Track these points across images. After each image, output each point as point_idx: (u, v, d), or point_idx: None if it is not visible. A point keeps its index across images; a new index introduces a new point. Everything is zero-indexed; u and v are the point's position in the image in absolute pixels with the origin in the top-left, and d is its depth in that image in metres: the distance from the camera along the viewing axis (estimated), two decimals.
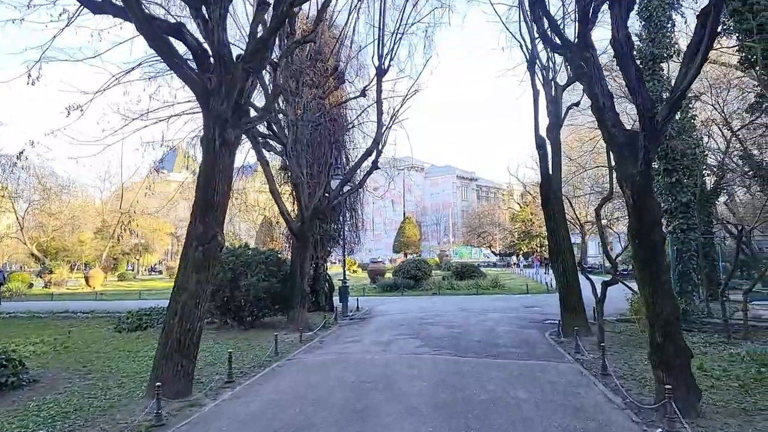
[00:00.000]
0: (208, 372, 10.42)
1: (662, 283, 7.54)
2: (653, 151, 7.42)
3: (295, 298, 15.72)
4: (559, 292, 14.91)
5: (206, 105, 8.56)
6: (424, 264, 32.98)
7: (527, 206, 69.22)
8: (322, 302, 21.55)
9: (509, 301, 23.84)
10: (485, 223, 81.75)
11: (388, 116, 18.00)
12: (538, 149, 15.45)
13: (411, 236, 73.96)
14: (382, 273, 36.70)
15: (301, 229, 15.73)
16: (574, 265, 15.03)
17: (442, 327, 15.62)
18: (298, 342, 13.81)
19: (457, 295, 27.90)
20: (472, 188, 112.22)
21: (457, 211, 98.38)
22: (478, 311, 19.97)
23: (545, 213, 15.53)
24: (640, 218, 7.67)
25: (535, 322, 16.85)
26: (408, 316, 19.10)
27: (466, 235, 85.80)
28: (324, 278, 21.74)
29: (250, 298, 15.11)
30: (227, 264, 15.24)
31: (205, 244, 8.55)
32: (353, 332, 15.52)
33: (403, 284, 30.20)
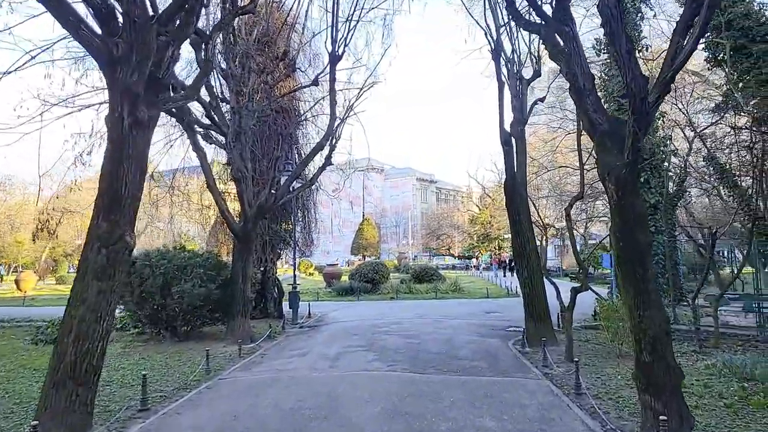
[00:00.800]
0: (121, 396, 8.84)
1: (649, 292, 6.48)
2: (642, 138, 6.36)
3: (236, 305, 14.18)
4: (523, 298, 13.90)
5: (112, 76, 7.03)
6: (381, 267, 31.74)
7: (486, 208, 69.03)
8: (271, 309, 20.03)
9: (469, 306, 22.84)
10: (444, 226, 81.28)
11: (344, 109, 16.72)
12: (503, 145, 14.43)
13: (370, 238, 72.75)
14: (339, 276, 35.27)
15: (243, 230, 14.21)
16: (540, 270, 14.06)
17: (398, 336, 14.37)
18: (236, 356, 12.30)
19: (416, 300, 26.77)
20: (431, 190, 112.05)
21: (417, 213, 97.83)
22: (437, 318, 18.85)
23: (509, 213, 14.51)
24: (625, 217, 6.60)
25: (497, 330, 15.82)
26: (363, 323, 17.79)
27: (425, 238, 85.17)
28: (273, 283, 20.22)
29: (184, 306, 13.49)
30: (158, 268, 13.58)
31: (110, 245, 7.01)
32: (301, 343, 14.09)
33: (359, 288, 28.88)
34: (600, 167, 6.93)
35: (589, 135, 7.10)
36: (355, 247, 73.82)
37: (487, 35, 14.38)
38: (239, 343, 12.68)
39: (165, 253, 14.05)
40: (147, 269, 13.60)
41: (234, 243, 14.55)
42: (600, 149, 6.89)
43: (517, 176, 14.50)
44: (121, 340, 14.79)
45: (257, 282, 19.46)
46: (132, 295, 13.90)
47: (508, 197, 14.54)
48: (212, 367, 10.85)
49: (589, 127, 6.97)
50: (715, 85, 20.43)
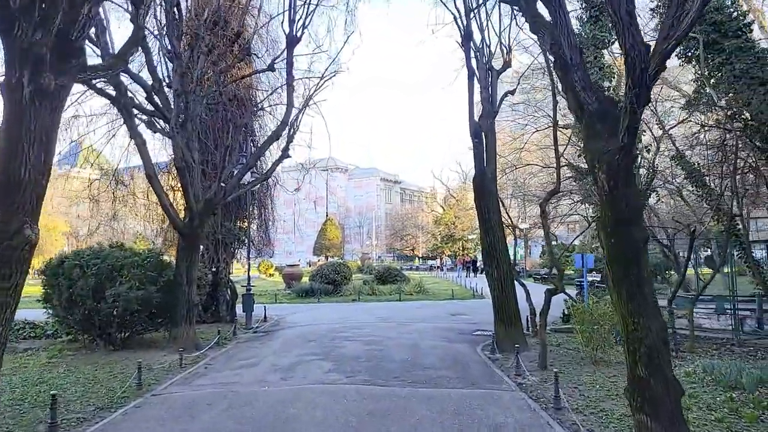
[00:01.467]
0: (31, 419, 7.50)
1: (645, 296, 5.62)
2: (640, 117, 5.50)
3: (179, 310, 12.86)
4: (493, 301, 13.04)
5: (9, 33, 5.73)
6: (344, 268, 30.60)
7: (451, 209, 68.71)
8: (223, 312, 18.67)
9: (434, 308, 21.96)
10: (409, 226, 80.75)
11: (304, 99, 15.56)
12: (473, 137, 13.57)
13: (333, 238, 71.48)
14: (299, 277, 33.95)
15: (188, 227, 12.91)
16: (511, 271, 13.25)
17: (359, 343, 13.30)
18: (176, 366, 11.01)
19: (379, 302, 25.75)
20: (396, 191, 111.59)
21: (381, 213, 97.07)
22: (401, 321, 17.86)
23: (479, 211, 13.65)
24: (618, 210, 5.72)
25: (464, 334, 14.95)
26: (322, 327, 16.66)
27: (389, 238, 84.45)
28: (225, 284, 18.85)
29: (119, 311, 12.09)
30: (90, 268, 12.14)
31: (6, 240, 5.71)
32: (252, 351, 12.88)
33: (320, 290, 27.67)
34: (588, 154, 6.05)
35: (576, 117, 6.22)
36: (318, 248, 72.39)
37: (456, 20, 13.51)
38: (181, 352, 11.38)
39: (98, 252, 12.61)
40: (77, 270, 12.15)
41: (178, 241, 13.22)
42: (589, 133, 6.00)
43: (487, 171, 13.66)
44: (49, 349, 13.24)
45: (208, 284, 18.09)
46: (60, 298, 12.43)
47: (477, 193, 13.68)
48: (146, 380, 9.56)
49: (576, 107, 6.08)
50: (685, 82, 20.17)
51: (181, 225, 12.81)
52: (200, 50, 13.80)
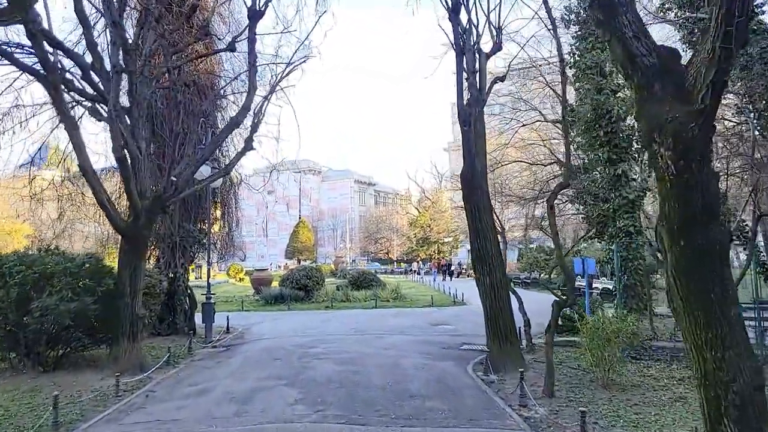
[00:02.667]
0: None
1: (731, 323, 4.05)
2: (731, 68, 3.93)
3: (120, 325, 10.92)
4: (485, 312, 11.43)
5: None
6: (315, 272, 28.72)
7: (426, 211, 67.38)
8: (180, 323, 16.69)
9: (414, 317, 20.28)
10: (383, 229, 79.18)
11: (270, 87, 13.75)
12: (462, 125, 11.97)
13: (305, 241, 69.42)
14: (269, 282, 31.93)
15: (132, 227, 10.97)
16: (505, 278, 11.67)
17: (332, 362, 11.52)
18: (112, 395, 9.12)
19: (354, 309, 23.97)
20: (370, 193, 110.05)
21: (355, 216, 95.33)
22: (378, 333, 16.14)
23: (468, 209, 12.04)
24: (690, 201, 4.16)
25: (450, 349, 13.33)
26: (290, 341, 14.83)
27: (363, 241, 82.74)
28: (183, 292, 16.86)
29: (47, 326, 10.10)
30: (12, 276, 10.12)
31: None
32: (206, 373, 10.99)
33: (290, 296, 25.77)
34: (644, 122, 4.45)
35: (625, 74, 4.61)
36: (290, 251, 70.16)
37: None
38: (118, 377, 9.46)
39: (23, 257, 10.58)
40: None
41: (120, 245, 11.27)
42: (643, 95, 4.42)
43: (477, 165, 12.07)
44: None
45: (163, 292, 16.08)
46: None
47: (466, 190, 12.07)
48: (68, 415, 7.69)
49: (625, 60, 4.49)
50: None
51: (122, 225, 10.87)
52: (149, 25, 11.91)
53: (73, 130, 9.79)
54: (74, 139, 9.85)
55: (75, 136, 9.82)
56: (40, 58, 9.39)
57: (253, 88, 11.84)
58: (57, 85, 9.57)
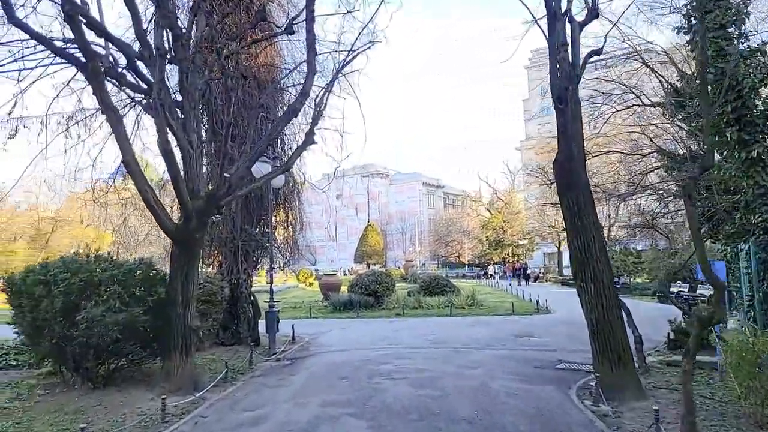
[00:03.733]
0: None
1: None
2: None
3: (171, 338, 9.85)
4: (590, 327, 9.45)
5: None
6: (385, 277, 27.27)
7: (499, 213, 64.62)
8: (244, 333, 15.69)
9: (495, 327, 18.34)
10: (453, 232, 76.90)
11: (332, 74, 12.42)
12: (557, 102, 10.05)
13: (374, 245, 68.45)
14: (337, 287, 30.84)
15: (183, 230, 9.89)
16: (613, 285, 9.64)
17: (407, 383, 9.92)
18: (158, 420, 7.99)
19: (427, 317, 22.30)
20: (438, 195, 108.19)
21: (424, 219, 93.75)
22: (457, 345, 14.40)
23: (564, 204, 10.10)
24: None
25: (545, 368, 11.39)
26: (358, 354, 13.38)
27: (432, 245, 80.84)
28: (246, 299, 15.86)
29: (94, 339, 9.16)
30: (57, 285, 9.27)
31: None
32: (264, 393, 9.71)
33: (359, 302, 24.47)
34: None
35: None
36: (359, 255, 69.38)
37: None
38: (163, 400, 8.32)
39: (70, 264, 9.71)
40: (40, 287, 9.31)
41: (171, 250, 10.22)
42: None
43: (574, 149, 10.14)
44: (20, 385, 10.50)
45: (225, 299, 15.14)
46: (23, 322, 9.68)
47: (562, 180, 10.14)
48: None
49: None
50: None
51: (171, 228, 9.80)
52: (201, 9, 10.87)
53: (117, 124, 8.81)
54: (117, 132, 8.86)
55: (118, 129, 8.84)
56: (79, 43, 8.46)
57: (311, 71, 10.50)
58: (98, 73, 8.60)
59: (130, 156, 8.97)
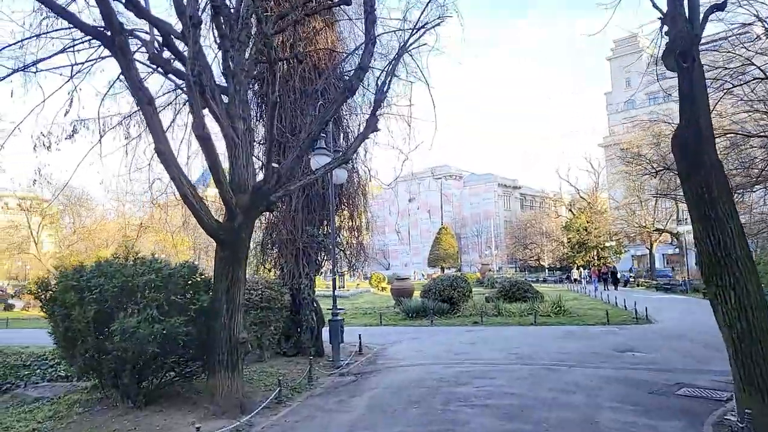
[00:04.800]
0: None
1: None
2: None
3: (215, 352, 8.61)
4: (731, 345, 7.24)
5: None
6: (461, 282, 25.32)
7: (582, 213, 60.58)
8: (306, 342, 14.43)
9: (588, 340, 16.01)
10: (532, 234, 73.16)
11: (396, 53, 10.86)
12: (679, 60, 7.90)
13: (448, 248, 66.28)
14: (410, 293, 29.26)
15: (227, 229, 8.65)
16: (761, 293, 7.39)
17: (491, 412, 8.10)
18: None
19: (508, 326, 20.22)
20: (515, 197, 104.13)
21: (500, 221, 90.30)
22: (547, 362, 12.35)
23: (690, 191, 7.90)
24: None
25: (662, 395, 9.17)
26: (431, 371, 11.68)
27: (510, 248, 77.44)
28: (309, 306, 14.59)
29: (129, 353, 8.07)
30: (90, 291, 8.26)
31: None
32: (321, 420, 8.23)
33: (433, 308, 22.72)
34: None
35: None
36: (432, 259, 67.37)
37: None
38: (198, 429, 7.01)
39: (105, 268, 8.70)
40: (71, 293, 8.35)
41: (215, 252, 9.00)
42: None
43: (702, 123, 7.97)
44: (60, 401, 9.70)
45: (285, 307, 13.94)
46: (57, 332, 8.79)
47: (686, 162, 7.96)
48: None
49: None
50: None
51: (213, 226, 8.57)
52: None
53: (146, 105, 7.68)
54: (148, 116, 7.74)
55: (149, 112, 7.71)
56: (103, 13, 7.39)
57: (370, 41, 8.98)
58: (124, 49, 7.51)
59: (163, 144, 7.80)
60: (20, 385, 10.68)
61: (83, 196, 49.87)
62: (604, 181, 64.32)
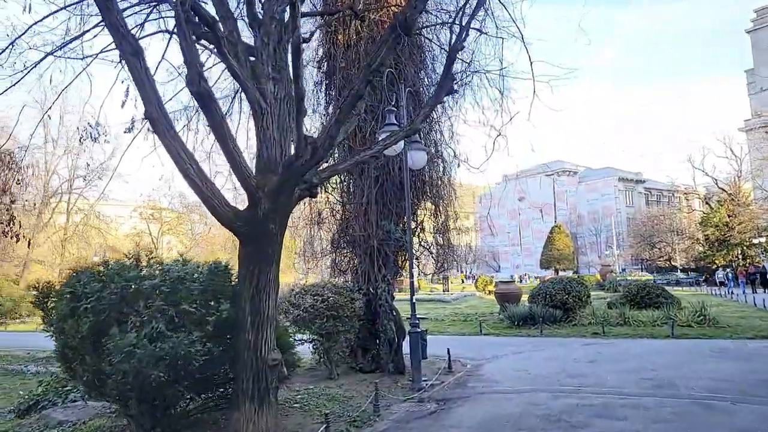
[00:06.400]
0: None
1: None
2: None
3: (240, 378, 6.64)
4: None
5: None
6: (577, 285, 21.76)
7: (722, 206, 52.80)
8: (384, 357, 12.26)
9: (750, 360, 12.19)
10: (660, 231, 65.51)
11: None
12: None
13: (563, 248, 61.10)
14: (516, 298, 26.02)
15: (248, 219, 6.67)
16: None
17: None
18: None
19: (637, 338, 16.59)
20: (638, 191, 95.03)
21: (621, 218, 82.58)
22: (697, 394, 9.02)
23: None
24: None
25: None
26: (538, 403, 8.90)
27: (635, 247, 70.01)
28: (387, 315, 12.36)
29: (130, 377, 6.34)
30: (86, 299, 6.64)
31: None
32: None
33: (543, 316, 19.57)
34: None
35: None
36: (545, 260, 62.40)
37: None
38: None
39: (104, 272, 7.04)
40: (64, 303, 6.80)
41: (238, 250, 7.03)
42: None
43: None
44: (87, 426, 8.32)
45: (357, 316, 11.84)
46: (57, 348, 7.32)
47: None
48: None
49: None
50: None
51: (229, 216, 6.61)
52: None
53: (131, 57, 5.88)
54: (135, 71, 5.93)
55: (135, 65, 5.90)
56: None
57: None
58: None
59: (154, 107, 5.97)
60: (57, 403, 9.53)
61: (192, 203, 51.91)
62: (747, 169, 55.94)
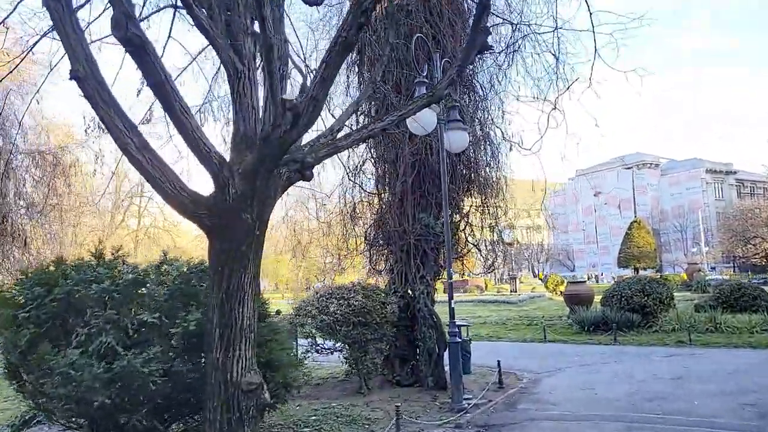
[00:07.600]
0: None
1: None
2: None
3: (207, 406, 5.32)
4: None
5: None
6: (657, 285, 19.07)
7: None
8: (423, 369, 10.68)
9: None
10: (755, 226, 59.33)
11: None
12: None
13: (643, 245, 56.45)
14: (588, 300, 23.44)
15: (214, 206, 5.35)
16: None
17: None
18: None
19: (732, 348, 14.03)
20: (729, 183, 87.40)
21: (710, 213, 76.03)
22: None
23: None
24: None
25: None
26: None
27: (726, 243, 63.90)
28: (427, 321, 10.74)
29: (72, 404, 5.18)
30: (27, 307, 5.53)
31: None
32: None
33: (617, 321, 17.21)
34: None
35: None
36: (623, 258, 57.80)
37: None
38: None
39: (52, 275, 5.89)
40: (5, 310, 5.74)
41: (208, 247, 5.70)
42: None
43: None
44: None
45: (386, 321, 10.31)
46: None
47: None
48: None
49: None
50: None
51: (186, 204, 5.28)
52: None
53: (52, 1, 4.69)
54: (56, 19, 4.73)
55: (56, 9, 4.70)
56: None
57: None
58: None
59: (81, 65, 4.74)
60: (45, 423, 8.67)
61: None
62: None
